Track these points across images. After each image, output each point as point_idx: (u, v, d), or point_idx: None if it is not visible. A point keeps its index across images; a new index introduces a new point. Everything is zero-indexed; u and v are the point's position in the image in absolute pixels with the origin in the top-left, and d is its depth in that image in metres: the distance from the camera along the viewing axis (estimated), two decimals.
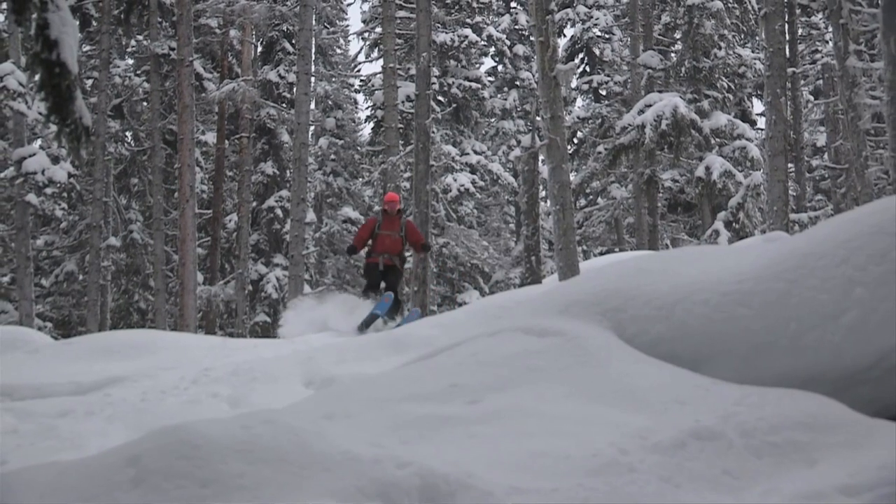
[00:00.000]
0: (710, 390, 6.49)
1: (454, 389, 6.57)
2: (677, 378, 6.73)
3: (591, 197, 39.03)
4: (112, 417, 8.94)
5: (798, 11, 36.35)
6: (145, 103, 34.08)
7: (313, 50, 29.82)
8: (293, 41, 33.24)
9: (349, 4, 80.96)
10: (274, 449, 5.23)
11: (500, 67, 40.86)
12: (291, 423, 5.58)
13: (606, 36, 38.67)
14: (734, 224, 30.34)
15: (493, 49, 39.28)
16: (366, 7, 37.72)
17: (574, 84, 38.52)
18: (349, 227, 39.47)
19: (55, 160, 27.64)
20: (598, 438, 5.83)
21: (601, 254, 36.30)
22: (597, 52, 38.51)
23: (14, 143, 28.14)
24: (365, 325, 15.58)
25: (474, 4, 37.15)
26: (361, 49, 39.62)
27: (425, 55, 27.12)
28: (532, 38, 31.19)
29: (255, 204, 35.38)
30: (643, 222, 33.54)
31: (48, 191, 28.42)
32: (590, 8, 37.78)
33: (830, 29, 27.88)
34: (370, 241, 17.22)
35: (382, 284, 17.09)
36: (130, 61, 36.03)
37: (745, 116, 36.60)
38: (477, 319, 10.98)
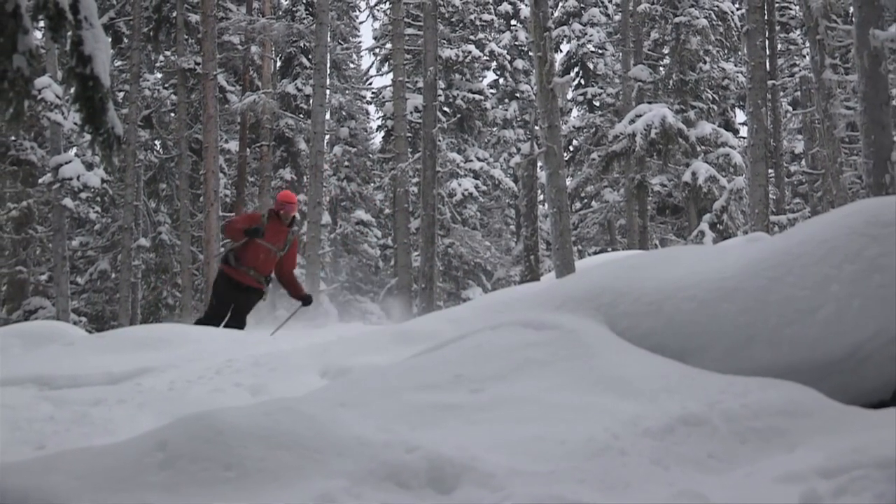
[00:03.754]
0: (697, 379, 6.48)
1: (458, 379, 6.57)
2: (666, 368, 6.71)
3: (585, 200, 38.96)
4: (142, 405, 8.93)
5: (778, 28, 36.30)
6: (173, 114, 34.05)
7: (328, 64, 29.80)
8: (310, 56, 33.21)
9: (361, 22, 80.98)
10: (292, 434, 5.22)
11: (501, 80, 40.80)
12: (308, 411, 5.58)
13: (600, 51, 38.64)
14: (718, 225, 30.31)
15: (494, 63, 39.23)
16: (377, 25, 37.75)
17: (570, 96, 38.50)
18: (362, 228, 39.48)
19: (89, 167, 27.65)
20: (593, 424, 5.82)
21: (595, 253, 36.24)
22: (591, 66, 38.47)
23: (51, 151, 28.15)
24: None
25: (477, 22, 37.16)
26: (373, 64, 39.61)
27: (432, 69, 27.14)
28: (531, 54, 31.15)
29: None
30: (634, 224, 33.52)
31: (83, 195, 28.45)
32: (584, 25, 37.75)
33: (808, 44, 27.81)
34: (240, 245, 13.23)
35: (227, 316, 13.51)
36: (159, 75, 36.02)
37: (729, 126, 36.56)
38: (480, 314, 10.95)
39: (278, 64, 37.02)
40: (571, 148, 37.52)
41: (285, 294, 14.94)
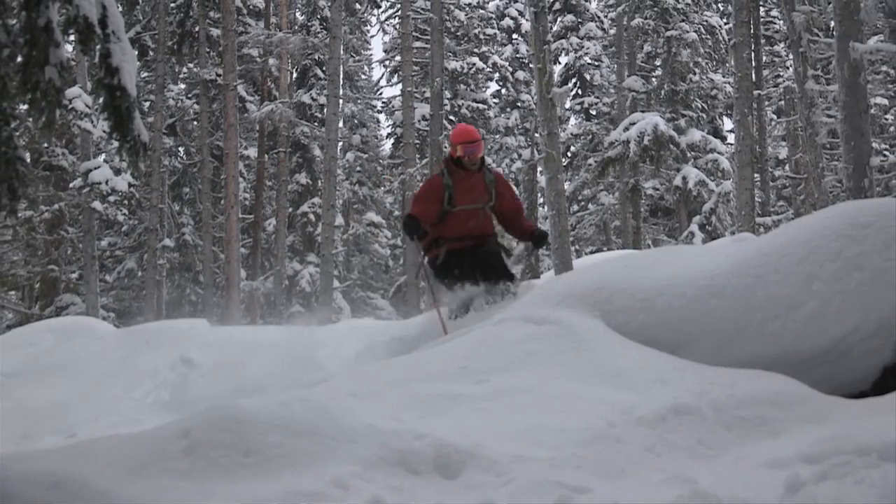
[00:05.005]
0: (688, 371, 6.47)
1: (463, 371, 6.56)
2: (659, 361, 6.71)
3: (582, 203, 38.91)
4: (166, 395, 8.95)
5: (763, 41, 36.27)
6: (195, 122, 34.08)
7: (341, 76, 29.78)
8: (324, 68, 33.21)
9: (372, 36, 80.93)
10: (307, 422, 5.22)
11: (503, 91, 40.75)
12: (322, 400, 5.57)
13: (596, 63, 38.56)
14: (707, 227, 30.27)
15: (497, 75, 39.19)
16: (387, 39, 37.79)
17: (568, 105, 38.44)
18: (373, 229, 39.46)
19: (117, 172, 27.64)
20: (590, 413, 5.81)
21: (592, 253, 36.20)
22: (588, 77, 38.39)
23: (81, 157, 28.18)
24: None
25: (481, 36, 37.14)
26: (383, 75, 39.59)
27: (438, 80, 27.16)
28: (531, 66, 31.11)
29: (290, 210, 35.36)
30: (628, 225, 33.48)
31: (111, 199, 28.45)
32: (581, 39, 37.66)
33: (791, 57, 27.77)
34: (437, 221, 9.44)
35: (479, 287, 9.39)
36: (182, 86, 36.04)
37: (717, 133, 36.49)
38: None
39: (294, 75, 37.02)
40: (569, 154, 37.45)
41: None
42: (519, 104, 40.08)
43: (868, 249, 7.03)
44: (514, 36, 40.05)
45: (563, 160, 34.36)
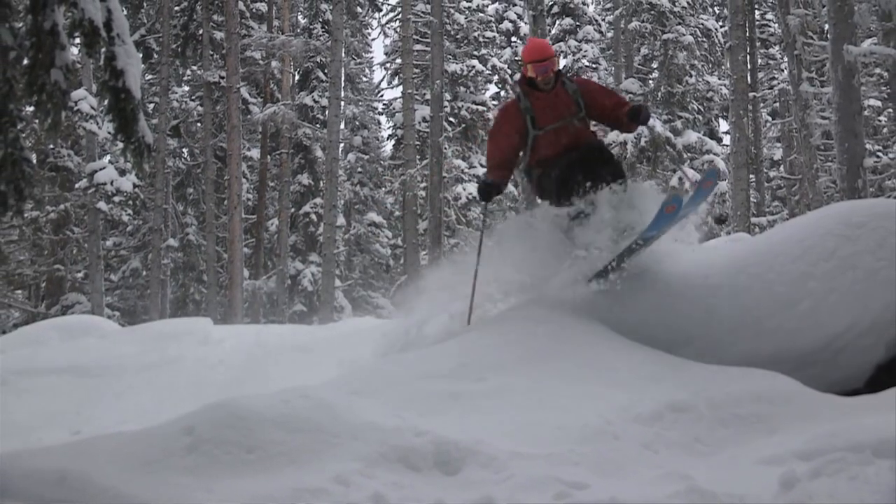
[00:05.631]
0: (684, 369, 6.48)
1: (463, 369, 6.56)
2: (656, 359, 6.71)
3: None
4: (170, 393, 8.94)
5: (758, 44, 36.27)
6: (199, 124, 34.06)
7: (343, 78, 29.77)
8: (325, 71, 33.21)
9: (373, 39, 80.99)
10: (309, 420, 5.22)
11: (502, 93, 40.70)
12: (324, 398, 5.58)
13: (594, 66, 38.52)
14: (703, 226, 30.26)
15: (496, 77, 39.14)
16: (388, 42, 37.81)
17: None
18: (374, 229, 39.44)
19: (122, 173, 27.61)
20: (587, 411, 5.81)
21: None
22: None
23: (87, 158, 28.16)
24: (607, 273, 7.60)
25: (480, 39, 37.10)
26: (384, 77, 39.51)
27: (438, 82, 27.16)
28: None
29: (293, 210, 35.34)
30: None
31: (116, 199, 28.42)
32: (579, 42, 37.63)
33: (786, 59, 27.75)
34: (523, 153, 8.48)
35: (589, 199, 7.81)
36: (186, 88, 36.02)
37: (713, 134, 36.43)
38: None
39: (296, 78, 37.00)
40: None
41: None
42: None
43: (861, 249, 7.05)
44: (513, 39, 40.00)
45: None
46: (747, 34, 26.22)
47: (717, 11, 39.20)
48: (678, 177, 30.63)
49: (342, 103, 29.55)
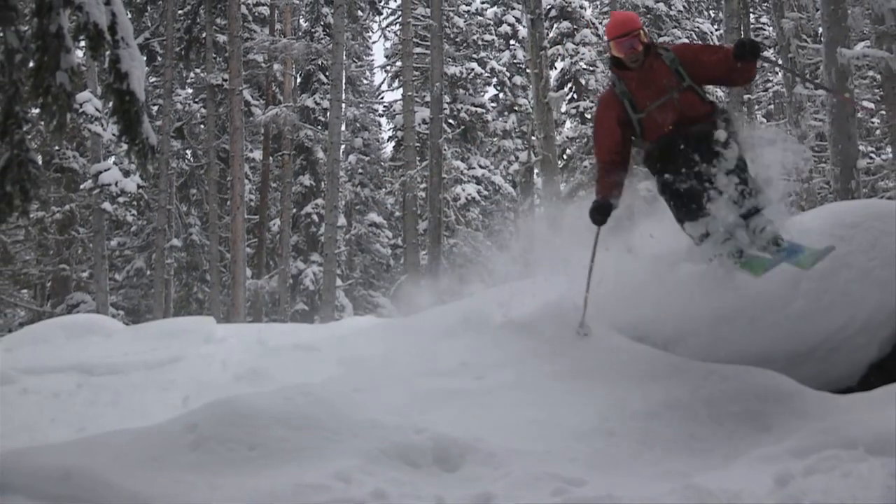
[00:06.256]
0: (680, 367, 6.47)
1: (463, 367, 6.57)
2: (652, 357, 6.71)
3: None
4: (174, 390, 8.93)
5: None
6: (202, 126, 34.02)
7: (344, 80, 29.74)
8: (327, 73, 33.17)
9: (374, 42, 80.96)
10: (311, 417, 5.22)
11: (501, 95, 40.67)
12: (325, 396, 5.58)
13: (591, 68, 38.51)
14: None
15: (495, 80, 39.12)
16: (388, 45, 37.82)
17: (563, 109, 38.40)
18: (374, 229, 39.43)
19: (126, 174, 27.58)
20: (584, 408, 5.82)
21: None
22: (583, 82, 38.34)
23: (92, 159, 28.12)
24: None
25: (479, 42, 37.13)
26: (384, 80, 39.54)
27: (438, 85, 27.16)
28: (528, 71, 31.11)
29: (294, 210, 35.33)
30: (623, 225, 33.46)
31: (121, 200, 28.37)
32: (577, 45, 37.62)
33: (780, 62, 27.78)
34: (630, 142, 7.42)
35: (720, 195, 6.83)
36: (190, 90, 35.99)
37: None
38: (481, 307, 10.94)
39: (298, 80, 36.98)
40: (565, 156, 37.44)
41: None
42: (516, 108, 40.03)
43: (855, 249, 7.05)
44: (512, 42, 39.97)
45: (559, 162, 34.38)
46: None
47: (713, 15, 39.21)
48: None
49: (343, 105, 29.55)
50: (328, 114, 28.45)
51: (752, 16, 35.24)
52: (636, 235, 7.64)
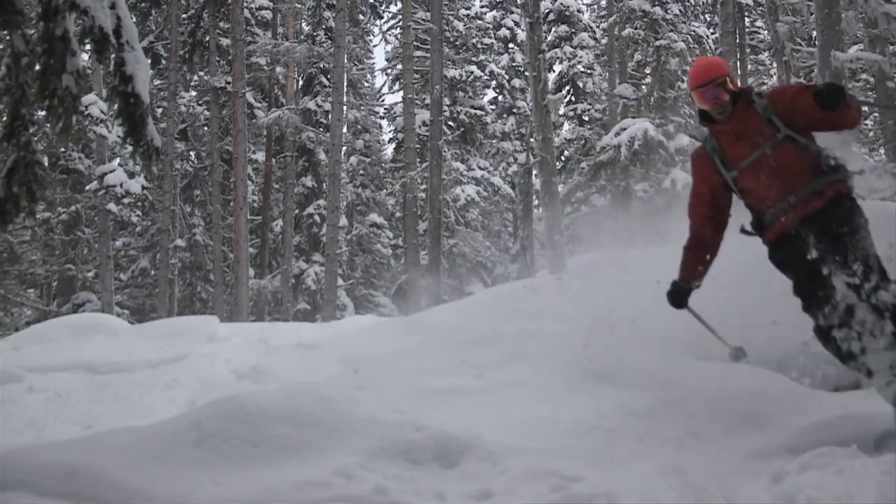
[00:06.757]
0: (677, 366, 6.47)
1: (463, 365, 6.58)
2: (650, 356, 6.70)
3: (575, 205, 38.90)
4: (178, 388, 8.94)
5: (748, 50, 36.31)
6: (206, 128, 34.05)
7: (345, 83, 29.76)
8: (328, 76, 33.18)
9: (375, 46, 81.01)
10: (313, 415, 5.22)
11: (500, 97, 40.69)
12: (327, 394, 5.58)
13: (588, 71, 38.53)
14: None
15: (494, 82, 39.14)
16: (389, 48, 37.83)
17: (561, 111, 38.41)
18: (375, 230, 39.44)
19: (131, 175, 27.59)
20: (583, 406, 5.81)
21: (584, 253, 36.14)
22: (580, 84, 38.35)
23: (97, 161, 28.13)
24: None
25: (479, 45, 37.16)
26: (385, 82, 39.58)
27: (438, 87, 27.15)
28: (527, 74, 31.11)
29: (297, 211, 35.33)
30: (620, 226, 33.49)
31: (125, 201, 28.41)
32: (575, 48, 37.63)
33: (775, 65, 27.76)
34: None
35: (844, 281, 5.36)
36: (193, 93, 36.01)
37: None
38: (481, 306, 10.95)
39: (300, 83, 36.98)
40: (563, 158, 37.43)
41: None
42: (515, 110, 40.03)
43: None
44: (511, 45, 39.99)
45: (557, 164, 34.38)
46: (737, 40, 26.27)
47: (709, 18, 39.20)
48: (671, 179, 30.68)
49: (344, 108, 29.55)
50: (330, 116, 28.45)
51: (746, 19, 35.27)
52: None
